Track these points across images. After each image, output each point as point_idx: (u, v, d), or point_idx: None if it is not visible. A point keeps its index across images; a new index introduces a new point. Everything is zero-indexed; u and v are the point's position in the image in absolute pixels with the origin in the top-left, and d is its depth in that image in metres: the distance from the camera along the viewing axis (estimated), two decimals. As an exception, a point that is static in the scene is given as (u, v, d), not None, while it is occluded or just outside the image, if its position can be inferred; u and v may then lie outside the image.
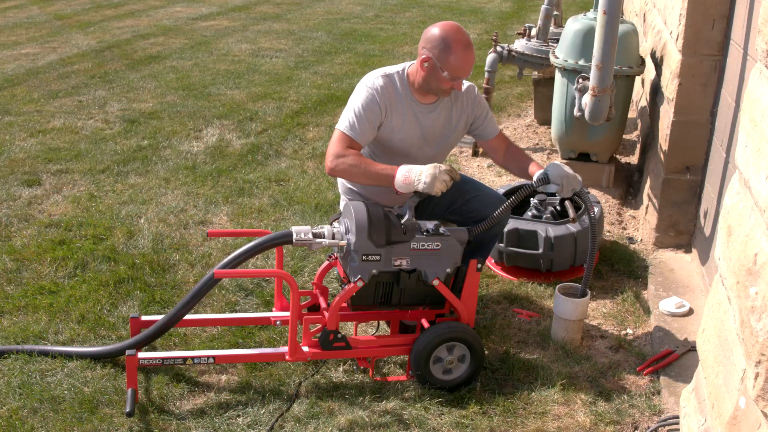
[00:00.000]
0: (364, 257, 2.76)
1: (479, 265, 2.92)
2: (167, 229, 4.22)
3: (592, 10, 4.74)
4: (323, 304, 3.01)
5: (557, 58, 4.63)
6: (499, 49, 5.58)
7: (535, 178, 3.09)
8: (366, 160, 2.97)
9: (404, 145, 3.15)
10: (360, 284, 2.78)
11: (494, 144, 3.35)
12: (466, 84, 3.26)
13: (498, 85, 7.17)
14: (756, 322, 1.73)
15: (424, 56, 2.99)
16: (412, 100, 3.12)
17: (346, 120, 3.04)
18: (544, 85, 5.89)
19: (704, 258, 3.67)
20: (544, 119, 6.08)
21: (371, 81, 3.09)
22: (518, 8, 12.42)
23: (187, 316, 3.01)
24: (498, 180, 5.05)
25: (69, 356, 2.99)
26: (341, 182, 3.36)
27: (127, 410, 2.62)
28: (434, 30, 2.99)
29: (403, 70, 3.15)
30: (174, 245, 4.04)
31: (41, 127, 5.96)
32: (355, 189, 3.29)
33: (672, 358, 3.05)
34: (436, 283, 2.84)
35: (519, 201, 3.03)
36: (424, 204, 3.18)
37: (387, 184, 2.92)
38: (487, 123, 3.32)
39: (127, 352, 2.73)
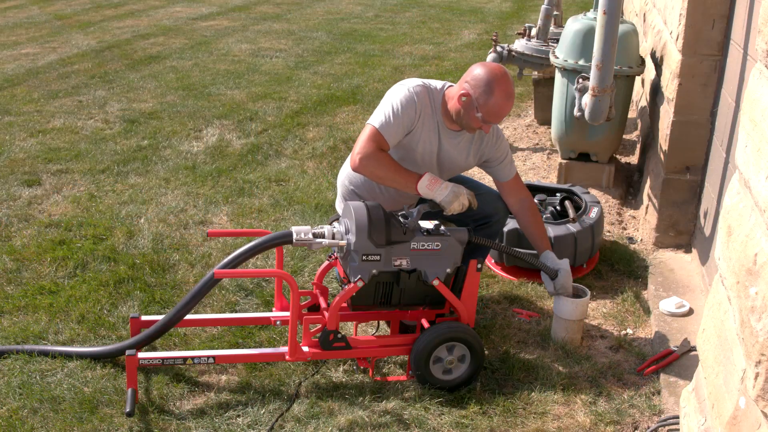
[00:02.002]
0: (364, 257, 2.76)
1: (479, 265, 2.92)
2: (167, 229, 4.23)
3: (592, 10, 4.74)
4: (323, 304, 3.01)
5: (557, 58, 4.63)
6: (499, 49, 5.58)
7: (544, 263, 3.18)
8: (393, 161, 2.98)
9: (423, 159, 3.14)
10: (360, 284, 2.78)
11: (507, 188, 3.31)
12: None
13: (498, 85, 7.16)
14: (756, 322, 1.73)
15: (464, 91, 2.97)
16: (440, 120, 3.12)
17: (381, 116, 2.99)
18: (544, 85, 5.89)
19: (704, 258, 3.67)
20: (544, 119, 6.09)
21: (412, 84, 3.07)
22: (518, 8, 12.42)
23: (187, 316, 3.01)
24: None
25: (69, 356, 2.99)
26: (342, 183, 3.35)
27: (127, 410, 2.62)
28: (481, 70, 2.97)
29: (442, 88, 3.13)
30: (174, 245, 4.04)
31: (41, 127, 5.97)
32: (357, 191, 3.28)
33: (672, 358, 3.05)
34: (436, 283, 2.84)
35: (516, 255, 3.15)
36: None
37: (409, 187, 2.94)
38: (504, 165, 3.28)
39: (127, 352, 2.73)
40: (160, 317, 2.98)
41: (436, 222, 2.92)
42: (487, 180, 5.05)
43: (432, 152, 3.14)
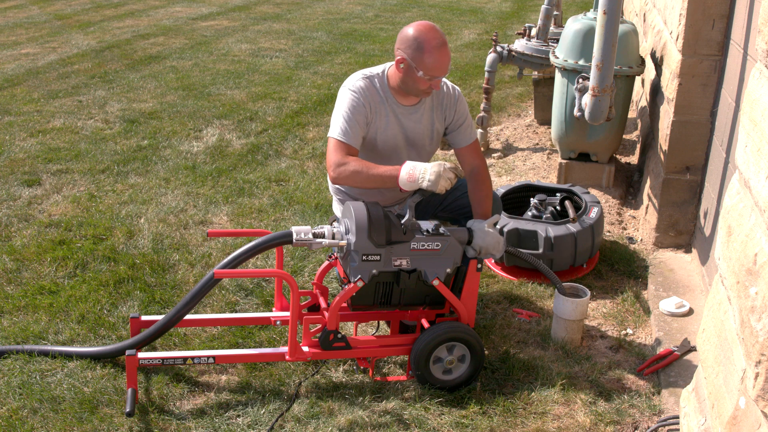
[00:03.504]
0: (364, 257, 2.76)
1: (479, 265, 2.92)
2: (167, 229, 4.23)
3: (592, 10, 4.74)
4: (323, 304, 3.01)
5: (557, 58, 4.63)
6: (499, 49, 5.58)
7: (468, 226, 2.96)
8: (367, 164, 2.96)
9: (387, 147, 3.15)
10: (360, 284, 2.78)
11: (463, 154, 3.24)
12: (450, 86, 3.25)
13: (498, 85, 7.17)
14: (756, 322, 1.73)
15: (399, 57, 3.00)
16: (393, 101, 3.13)
17: (337, 127, 3.04)
18: (544, 85, 5.89)
19: (704, 258, 3.67)
20: (544, 119, 6.09)
21: (352, 84, 3.10)
22: (518, 8, 12.42)
23: (187, 316, 3.01)
24: (498, 180, 5.06)
25: (69, 356, 2.99)
26: (336, 189, 3.36)
27: (127, 410, 2.62)
28: (408, 30, 2.99)
29: (383, 71, 3.15)
30: (174, 245, 4.04)
31: (41, 127, 5.97)
32: (343, 189, 3.29)
33: (672, 358, 3.05)
34: (436, 283, 2.84)
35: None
36: (422, 203, 3.18)
37: (391, 184, 2.91)
38: (463, 130, 3.24)
39: (127, 352, 2.73)
40: (160, 317, 2.98)
41: (436, 222, 2.92)
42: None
43: (396, 137, 3.15)
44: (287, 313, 3.08)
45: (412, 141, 3.19)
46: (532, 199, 3.94)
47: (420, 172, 2.84)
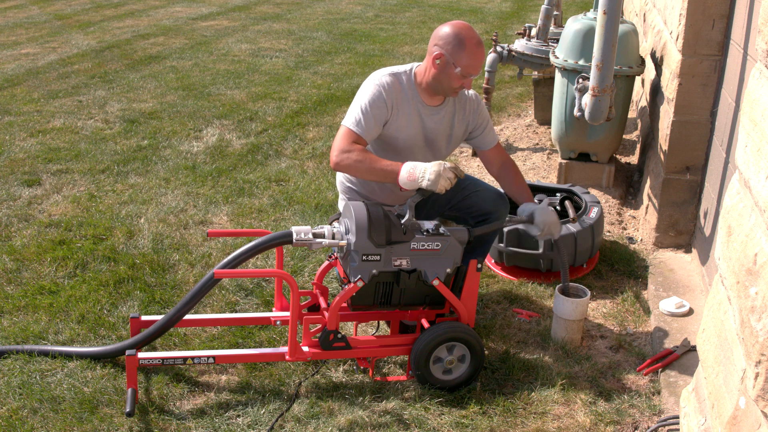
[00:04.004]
0: (364, 257, 2.76)
1: (479, 265, 2.92)
2: (167, 229, 4.23)
3: (592, 10, 4.74)
4: (323, 304, 3.01)
5: (557, 58, 4.63)
6: (499, 49, 5.58)
7: (520, 213, 3.13)
8: (371, 156, 2.96)
9: (407, 145, 3.15)
10: (360, 284, 2.78)
11: (490, 155, 3.35)
12: (471, 92, 3.27)
13: (498, 85, 7.17)
14: (756, 322, 1.73)
15: (436, 53, 3.00)
16: (418, 100, 3.13)
17: (352, 116, 3.03)
18: (544, 85, 5.89)
19: (704, 258, 3.67)
20: (544, 119, 6.09)
21: (378, 78, 3.09)
22: (518, 8, 12.42)
23: (187, 316, 3.01)
24: (498, 180, 5.06)
25: (69, 356, 2.99)
26: (341, 181, 3.35)
27: (127, 410, 2.62)
28: (446, 28, 3.02)
29: (410, 69, 3.16)
30: (174, 245, 4.04)
31: (41, 127, 5.97)
32: (354, 188, 3.29)
33: (672, 358, 3.05)
34: (436, 283, 2.84)
35: (498, 228, 3.03)
36: (424, 201, 3.18)
37: (391, 180, 2.91)
38: (486, 133, 3.33)
39: (127, 352, 2.73)
40: (160, 317, 2.98)
41: (436, 222, 2.92)
42: (489, 179, 5.06)
43: (417, 136, 3.16)
44: (287, 313, 3.08)
45: (431, 141, 3.20)
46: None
47: (420, 172, 2.84)
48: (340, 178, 3.35)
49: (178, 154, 5.41)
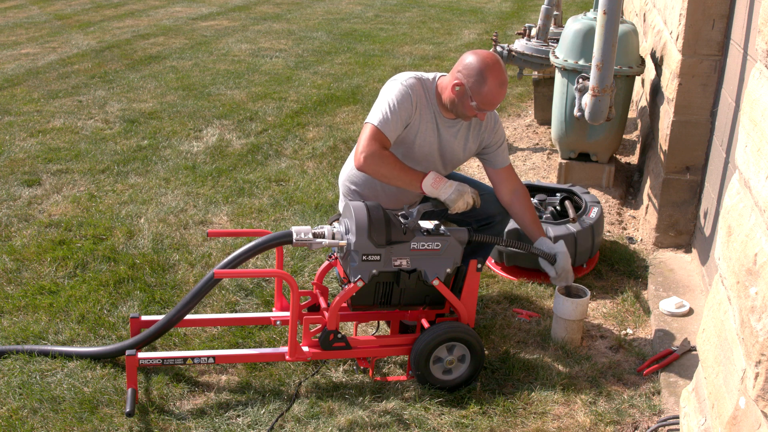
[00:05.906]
0: (364, 257, 2.76)
1: (479, 265, 2.92)
2: (167, 229, 4.23)
3: (592, 10, 4.74)
4: (323, 304, 3.01)
5: (557, 58, 4.63)
6: (499, 49, 5.58)
7: (540, 248, 3.16)
8: (399, 162, 2.98)
9: (422, 152, 3.15)
10: (360, 284, 2.78)
11: (501, 177, 3.30)
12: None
13: (498, 85, 7.16)
14: (756, 322, 1.73)
15: (457, 81, 2.98)
16: (437, 110, 3.13)
17: (379, 113, 3.00)
18: (544, 85, 5.89)
19: (704, 258, 3.67)
20: (544, 119, 6.09)
21: (405, 79, 3.08)
22: (518, 8, 12.42)
23: (187, 316, 3.01)
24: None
25: (69, 356, 2.99)
26: (344, 184, 3.35)
27: (127, 410, 2.62)
28: (473, 59, 2.97)
29: (434, 78, 3.14)
30: (174, 245, 4.04)
31: (41, 127, 5.97)
32: (358, 191, 3.28)
33: (672, 358, 3.05)
34: (436, 283, 2.84)
35: (497, 242, 3.07)
36: (431, 213, 3.18)
37: (413, 184, 2.94)
38: (500, 153, 3.30)
39: (127, 352, 2.73)
40: (160, 317, 2.98)
41: (436, 222, 2.92)
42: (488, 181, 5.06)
43: (432, 143, 3.15)
44: (287, 313, 3.08)
45: (443, 152, 3.20)
46: (532, 199, 3.93)
47: (445, 185, 2.92)
48: (344, 180, 3.34)
49: (178, 154, 5.41)
